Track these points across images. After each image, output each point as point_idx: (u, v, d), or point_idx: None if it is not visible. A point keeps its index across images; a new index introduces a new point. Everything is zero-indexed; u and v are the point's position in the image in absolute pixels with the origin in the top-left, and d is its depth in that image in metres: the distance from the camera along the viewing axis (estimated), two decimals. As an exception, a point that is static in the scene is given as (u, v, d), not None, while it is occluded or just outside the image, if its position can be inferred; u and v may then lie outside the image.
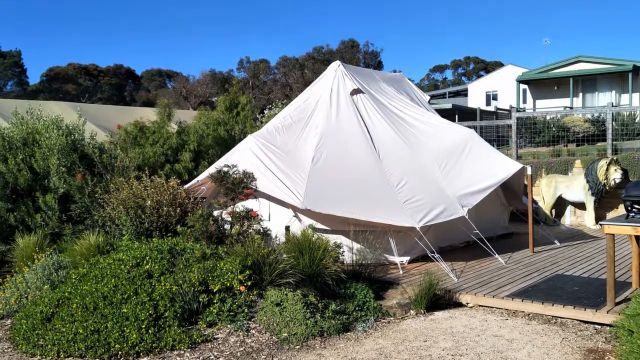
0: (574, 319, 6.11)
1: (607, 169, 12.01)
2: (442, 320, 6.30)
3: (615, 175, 11.98)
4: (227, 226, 7.47)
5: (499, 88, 36.41)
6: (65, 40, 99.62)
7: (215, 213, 7.59)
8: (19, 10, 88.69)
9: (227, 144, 12.56)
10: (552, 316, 6.26)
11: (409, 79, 12.32)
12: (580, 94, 27.86)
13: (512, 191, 10.70)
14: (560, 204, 13.13)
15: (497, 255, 8.47)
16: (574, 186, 12.56)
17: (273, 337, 5.68)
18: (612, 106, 13.87)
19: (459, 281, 7.30)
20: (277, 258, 6.35)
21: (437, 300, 6.70)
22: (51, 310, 5.90)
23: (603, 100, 26.71)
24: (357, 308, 6.37)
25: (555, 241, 10.06)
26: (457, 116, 25.86)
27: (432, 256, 7.89)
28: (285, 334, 5.65)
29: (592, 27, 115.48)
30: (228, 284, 5.97)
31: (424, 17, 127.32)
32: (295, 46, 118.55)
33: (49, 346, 5.43)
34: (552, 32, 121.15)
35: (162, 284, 5.98)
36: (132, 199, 7.92)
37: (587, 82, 27.86)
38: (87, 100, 45.43)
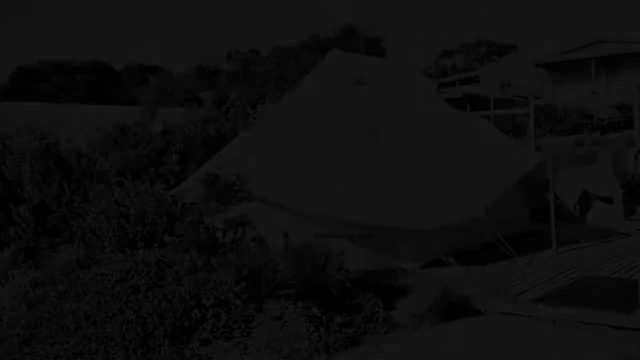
0: (604, 324, 6.11)
1: (635, 159, 12.00)
2: (458, 330, 6.30)
3: (645, 165, 11.98)
4: (219, 234, 7.46)
5: (514, 73, 36.41)
6: (36, 35, 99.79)
7: (206, 220, 7.58)
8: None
9: (216, 143, 12.56)
10: (580, 322, 6.25)
11: (415, 66, 12.33)
12: (604, 78, 27.87)
13: (532, 186, 10.69)
14: (586, 199, 13.11)
15: (517, 257, 8.47)
16: (600, 179, 12.55)
17: (273, 354, 5.68)
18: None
19: (476, 287, 7.30)
20: (276, 268, 6.34)
21: (453, 308, 6.69)
22: (29, 332, 5.90)
23: (629, 83, 26.71)
24: (365, 320, 6.36)
25: (581, 240, 10.06)
26: (468, 105, 25.84)
27: (446, 260, 7.89)
28: (287, 351, 5.64)
29: (614, 4, 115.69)
30: (222, 298, 5.97)
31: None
32: (289, 34, 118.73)
33: (28, 372, 5.42)
34: (571, 10, 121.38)
35: (150, 299, 5.97)
36: (114, 208, 7.92)
37: (611, 65, 27.87)
38: (61, 99, 45.46)
